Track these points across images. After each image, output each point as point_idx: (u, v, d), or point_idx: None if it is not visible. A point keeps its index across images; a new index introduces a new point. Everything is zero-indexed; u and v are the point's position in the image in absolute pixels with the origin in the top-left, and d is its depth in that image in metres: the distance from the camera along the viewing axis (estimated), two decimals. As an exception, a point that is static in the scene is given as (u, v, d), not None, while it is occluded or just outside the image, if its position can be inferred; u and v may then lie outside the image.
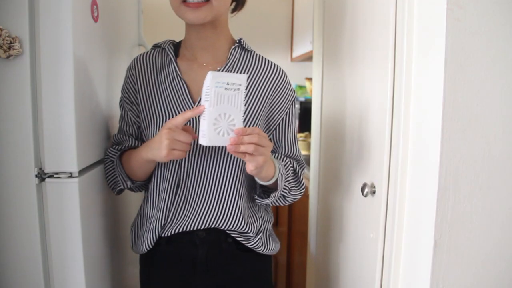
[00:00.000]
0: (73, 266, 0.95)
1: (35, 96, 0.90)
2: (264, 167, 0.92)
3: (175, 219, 1.05)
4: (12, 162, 0.91)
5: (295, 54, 3.37)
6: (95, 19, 1.02)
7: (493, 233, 0.91)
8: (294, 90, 1.11)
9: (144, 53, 1.10)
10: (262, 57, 1.10)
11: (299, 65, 3.49)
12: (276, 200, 1.06)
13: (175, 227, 1.05)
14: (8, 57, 0.87)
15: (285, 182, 1.03)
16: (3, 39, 0.85)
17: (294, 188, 1.07)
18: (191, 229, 1.04)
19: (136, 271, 1.17)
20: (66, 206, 0.93)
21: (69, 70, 0.90)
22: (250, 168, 0.90)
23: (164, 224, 1.05)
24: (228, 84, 0.86)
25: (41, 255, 0.93)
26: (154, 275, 1.11)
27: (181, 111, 1.01)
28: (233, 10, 1.10)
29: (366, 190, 1.11)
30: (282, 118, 1.09)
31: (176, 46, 1.10)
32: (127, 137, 1.10)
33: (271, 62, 1.10)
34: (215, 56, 1.06)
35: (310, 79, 3.11)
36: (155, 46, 1.10)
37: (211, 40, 1.04)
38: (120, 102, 1.12)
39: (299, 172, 1.09)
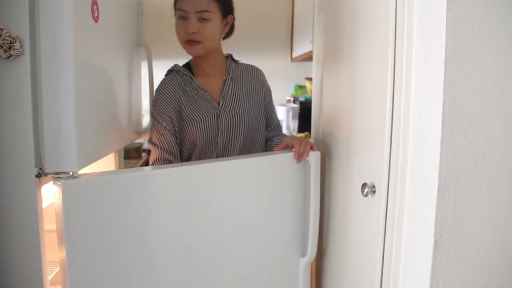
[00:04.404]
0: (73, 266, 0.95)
1: (35, 96, 0.90)
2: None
3: None
4: (12, 162, 0.91)
5: (295, 54, 3.37)
6: (95, 19, 1.02)
7: (493, 233, 0.91)
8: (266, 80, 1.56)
9: (165, 78, 1.41)
10: (243, 63, 1.51)
11: (299, 65, 3.48)
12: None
13: None
14: (8, 57, 0.87)
15: None
16: (4, 39, 0.85)
17: None
18: None
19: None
20: (66, 206, 0.93)
21: (69, 70, 0.90)
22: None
23: None
24: None
25: (41, 255, 0.93)
26: None
27: (209, 111, 1.36)
28: (224, 38, 1.46)
29: (366, 190, 1.11)
30: (269, 101, 1.54)
31: (187, 67, 1.45)
32: (175, 146, 1.36)
33: (252, 66, 1.52)
34: (218, 69, 1.44)
35: (310, 79, 3.11)
36: (170, 71, 1.43)
37: (212, 60, 1.43)
38: (155, 119, 1.36)
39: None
